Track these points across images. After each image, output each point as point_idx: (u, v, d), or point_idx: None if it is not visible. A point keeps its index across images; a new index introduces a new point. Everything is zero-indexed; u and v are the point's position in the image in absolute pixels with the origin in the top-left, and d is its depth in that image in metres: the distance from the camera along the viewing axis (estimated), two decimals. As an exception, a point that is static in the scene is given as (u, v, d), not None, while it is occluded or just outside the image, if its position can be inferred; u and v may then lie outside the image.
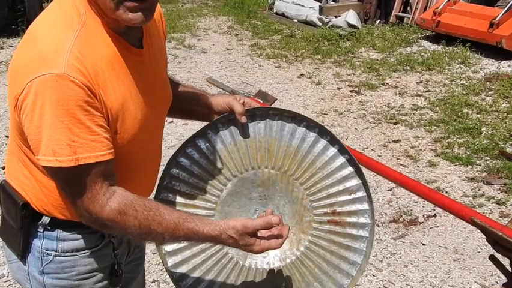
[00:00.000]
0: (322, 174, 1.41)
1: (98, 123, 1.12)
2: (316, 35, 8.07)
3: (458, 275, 2.94)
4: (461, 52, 6.94)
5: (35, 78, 1.07)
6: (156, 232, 1.18)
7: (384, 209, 3.61)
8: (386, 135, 4.83)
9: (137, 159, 1.31)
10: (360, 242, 1.43)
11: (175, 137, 4.71)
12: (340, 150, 1.40)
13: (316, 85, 6.21)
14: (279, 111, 1.42)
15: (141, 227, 1.17)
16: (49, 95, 1.07)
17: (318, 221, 1.43)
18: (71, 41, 1.11)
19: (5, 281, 2.83)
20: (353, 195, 1.42)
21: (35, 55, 1.10)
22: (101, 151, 1.12)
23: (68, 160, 1.09)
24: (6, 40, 7.43)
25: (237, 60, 7.25)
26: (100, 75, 1.13)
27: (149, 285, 2.82)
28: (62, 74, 1.07)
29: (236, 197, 1.44)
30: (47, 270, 1.31)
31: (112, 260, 1.37)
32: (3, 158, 4.20)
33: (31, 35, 1.17)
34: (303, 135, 1.41)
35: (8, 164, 1.34)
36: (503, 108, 5.29)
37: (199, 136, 1.42)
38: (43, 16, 1.20)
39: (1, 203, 1.36)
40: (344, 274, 1.43)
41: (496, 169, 4.07)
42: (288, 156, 1.41)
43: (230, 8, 10.51)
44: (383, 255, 3.11)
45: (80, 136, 1.09)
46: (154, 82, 1.32)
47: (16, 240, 1.31)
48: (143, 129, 1.26)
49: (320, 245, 1.44)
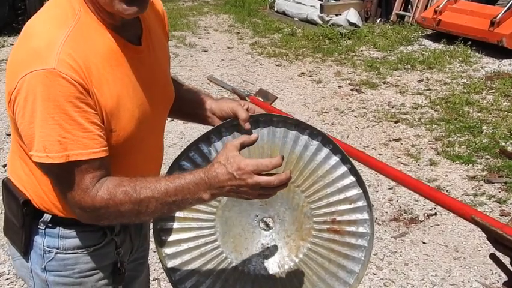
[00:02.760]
0: (323, 182, 1.41)
1: (90, 120, 1.11)
2: (317, 34, 8.06)
3: (459, 274, 2.94)
4: (462, 51, 6.94)
5: (26, 74, 1.07)
6: (148, 201, 1.14)
7: (384, 208, 3.61)
8: (386, 133, 4.83)
9: (136, 158, 1.31)
10: (359, 251, 1.43)
11: (176, 135, 4.71)
12: (342, 160, 1.40)
13: (317, 83, 6.21)
14: (282, 118, 1.41)
15: (132, 200, 1.14)
16: (40, 90, 1.07)
17: (318, 229, 1.44)
18: (63, 37, 1.11)
19: (5, 279, 2.83)
20: (353, 205, 1.42)
21: (28, 51, 1.11)
22: (93, 148, 1.11)
23: (59, 156, 1.09)
24: (7, 38, 7.43)
25: (237, 58, 7.25)
26: (94, 71, 1.13)
27: (149, 283, 2.82)
28: (53, 70, 1.07)
29: (237, 202, 1.44)
30: (49, 267, 1.31)
31: (114, 258, 1.37)
32: (3, 156, 4.20)
33: (26, 31, 1.17)
34: (306, 143, 1.40)
35: (11, 161, 1.34)
36: (504, 106, 5.29)
37: (202, 141, 1.42)
38: (39, 13, 1.21)
39: (3, 200, 1.36)
40: (341, 282, 1.44)
41: (497, 168, 4.07)
42: (290, 163, 1.40)
43: (231, 7, 10.50)
44: (384, 253, 3.12)
45: (71, 133, 1.09)
46: (153, 80, 1.31)
47: (18, 237, 1.31)
48: (142, 128, 1.25)
49: (318, 252, 1.45)
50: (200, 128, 4.86)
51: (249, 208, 1.45)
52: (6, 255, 2.99)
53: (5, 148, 4.35)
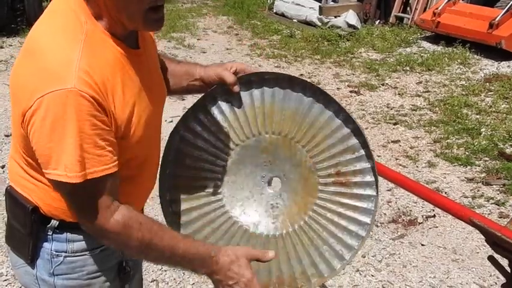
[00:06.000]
0: (323, 134, 1.39)
1: (103, 136, 1.12)
2: (316, 35, 8.07)
3: (457, 276, 2.94)
4: (460, 53, 6.95)
5: (45, 95, 1.06)
6: (156, 247, 1.20)
7: (383, 210, 3.61)
8: (385, 135, 4.83)
9: (141, 159, 1.32)
10: (368, 201, 1.40)
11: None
12: (338, 111, 1.38)
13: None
14: (274, 75, 1.40)
15: (143, 241, 1.18)
16: (59, 110, 1.06)
17: (324, 183, 1.42)
18: (78, 54, 1.10)
19: (4, 280, 2.82)
20: (356, 154, 1.39)
21: (42, 69, 1.09)
22: (106, 164, 1.13)
23: (77, 176, 1.10)
24: (6, 39, 7.41)
25: (236, 60, 7.24)
26: (108, 85, 1.14)
27: (148, 284, 2.82)
28: (73, 89, 1.06)
29: (242, 165, 1.44)
30: (57, 271, 1.31)
31: (119, 257, 1.38)
32: (3, 157, 4.20)
33: (33, 47, 1.15)
34: (300, 98, 1.39)
35: (12, 170, 1.33)
36: (503, 108, 5.30)
37: (199, 110, 1.41)
38: (43, 26, 1.18)
39: (7, 208, 1.35)
40: (353, 236, 1.42)
41: (495, 170, 4.07)
42: (287, 120, 1.39)
43: (230, 8, 10.50)
44: (382, 255, 3.12)
45: (88, 151, 1.10)
46: (152, 79, 1.33)
47: (25, 245, 1.30)
48: (147, 129, 1.27)
49: (327, 207, 1.43)
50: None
51: (254, 170, 1.45)
52: (4, 256, 2.99)
53: (3, 149, 4.34)
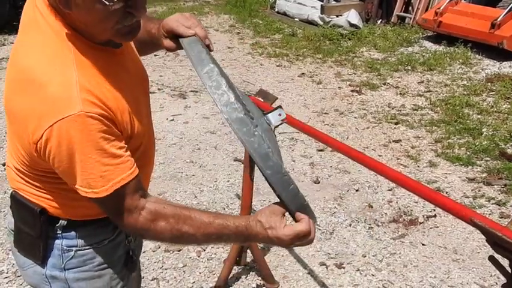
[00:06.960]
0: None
1: (119, 145, 1.15)
2: (318, 34, 8.07)
3: (458, 276, 2.94)
4: (462, 52, 6.94)
5: (54, 124, 1.07)
6: (188, 233, 1.21)
7: (384, 209, 3.61)
8: (386, 135, 4.83)
9: (142, 147, 1.34)
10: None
11: (176, 135, 4.72)
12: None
13: (318, 84, 6.21)
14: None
15: (173, 231, 1.21)
16: (72, 135, 1.08)
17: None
18: (75, 75, 1.11)
19: (4, 277, 2.83)
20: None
21: (44, 100, 1.09)
22: (129, 169, 1.16)
23: (104, 190, 1.14)
24: (8, 37, 7.43)
25: (238, 58, 7.25)
26: (107, 94, 1.15)
27: (148, 283, 2.83)
28: (80, 113, 1.08)
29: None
30: (68, 266, 1.34)
31: (126, 247, 1.43)
32: (3, 155, 4.21)
33: (28, 77, 1.13)
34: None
35: (13, 178, 1.33)
36: (504, 109, 5.29)
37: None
38: (31, 53, 1.16)
39: (14, 212, 1.36)
40: None
41: (497, 170, 4.07)
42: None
43: (232, 7, 10.51)
44: (383, 255, 3.11)
45: (109, 164, 1.13)
46: (137, 74, 1.35)
47: (35, 247, 1.33)
48: (143, 119, 1.29)
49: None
50: (200, 128, 4.86)
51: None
52: (5, 253, 2.99)
53: (4, 147, 4.35)
